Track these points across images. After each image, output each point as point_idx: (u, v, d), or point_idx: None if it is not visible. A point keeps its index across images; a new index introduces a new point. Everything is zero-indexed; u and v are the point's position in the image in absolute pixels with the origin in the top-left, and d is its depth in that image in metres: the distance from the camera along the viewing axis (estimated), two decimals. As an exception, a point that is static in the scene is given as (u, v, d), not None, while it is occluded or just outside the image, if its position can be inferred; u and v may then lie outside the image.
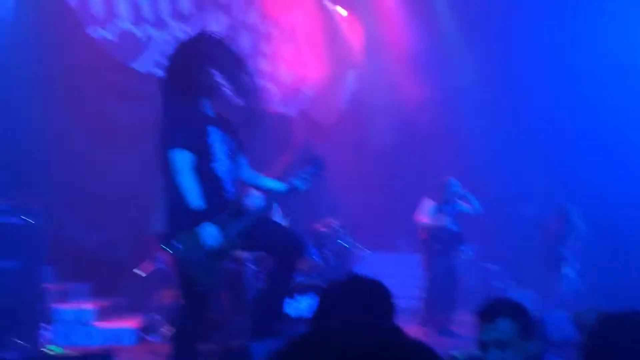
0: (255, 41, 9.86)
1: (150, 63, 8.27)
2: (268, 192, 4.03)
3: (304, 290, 5.59)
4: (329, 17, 11.07)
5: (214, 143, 3.60)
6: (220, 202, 3.61)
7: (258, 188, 4.01)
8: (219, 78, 3.63)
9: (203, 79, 3.57)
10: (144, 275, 6.40)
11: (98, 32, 7.58)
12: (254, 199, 4.35)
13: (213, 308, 5.31)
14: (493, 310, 2.32)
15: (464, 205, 7.28)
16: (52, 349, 5.15)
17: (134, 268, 6.61)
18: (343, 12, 11.08)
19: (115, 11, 7.81)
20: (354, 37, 11.25)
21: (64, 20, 7.01)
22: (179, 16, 8.64)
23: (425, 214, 7.16)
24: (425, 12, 10.51)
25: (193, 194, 3.47)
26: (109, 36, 7.68)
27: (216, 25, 9.13)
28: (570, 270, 7.65)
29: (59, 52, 6.77)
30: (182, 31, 8.64)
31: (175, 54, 3.72)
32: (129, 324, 6.06)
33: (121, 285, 7.06)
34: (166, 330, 5.80)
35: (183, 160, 3.49)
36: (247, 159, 3.92)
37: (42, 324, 5.28)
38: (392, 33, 10.67)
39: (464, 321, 6.07)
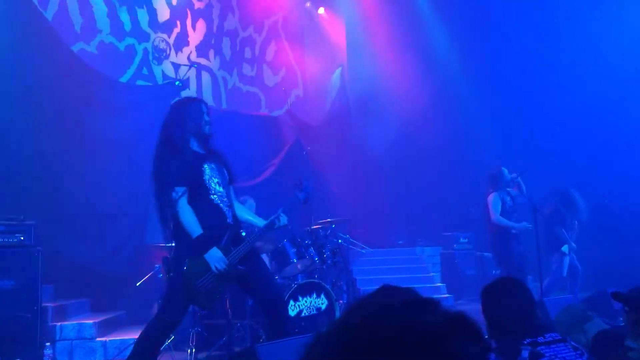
0: (237, 46, 9.85)
1: (134, 75, 8.26)
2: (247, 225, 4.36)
3: (305, 290, 5.59)
4: (310, 18, 11.09)
5: (208, 178, 3.95)
6: (224, 226, 3.93)
7: (241, 219, 4.15)
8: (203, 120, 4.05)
9: (192, 124, 4.00)
10: (143, 286, 6.36)
11: (80, 47, 7.56)
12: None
13: (217, 314, 5.32)
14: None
15: (514, 191, 7.20)
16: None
17: (131, 281, 6.58)
18: (322, 12, 11.11)
19: (96, 25, 7.79)
20: (337, 36, 11.27)
21: (44, 36, 6.96)
22: (158, 26, 8.62)
23: (494, 208, 6.92)
24: (408, 9, 10.53)
25: (193, 224, 3.81)
26: (92, 50, 7.66)
27: (195, 33, 9.13)
28: (569, 251, 7.66)
29: (41, 68, 6.71)
30: (162, 40, 8.64)
31: (170, 112, 4.16)
32: (130, 336, 6.02)
33: (120, 298, 7.03)
34: (168, 340, 5.78)
35: (177, 195, 3.83)
36: (233, 189, 4.26)
37: (45, 343, 5.24)
38: (376, 31, 10.66)
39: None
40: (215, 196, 3.94)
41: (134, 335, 6.05)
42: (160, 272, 6.15)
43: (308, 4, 11.05)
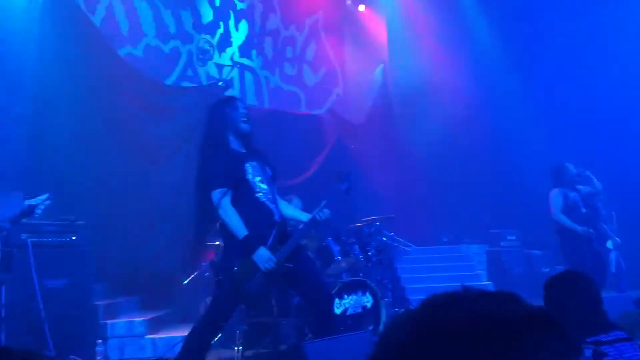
0: (279, 46, 9.90)
1: (179, 76, 8.41)
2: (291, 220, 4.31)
3: (350, 288, 5.58)
4: (350, 16, 11.06)
5: (251, 176, 3.93)
6: (270, 224, 3.92)
7: (285, 216, 4.13)
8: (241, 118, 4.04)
9: (229, 123, 4.01)
10: (190, 284, 6.46)
11: (128, 51, 7.73)
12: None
13: (263, 312, 5.36)
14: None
15: (583, 187, 6.91)
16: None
17: (178, 279, 6.68)
18: (362, 9, 11.07)
19: (142, 29, 7.96)
20: (378, 34, 11.20)
21: (92, 40, 7.14)
22: (202, 27, 8.75)
23: (553, 205, 6.71)
24: (450, 4, 10.39)
25: (238, 226, 3.80)
26: (139, 53, 7.82)
27: (238, 33, 9.22)
28: (612, 246, 7.40)
29: (89, 72, 6.88)
30: (206, 42, 8.76)
31: (208, 115, 4.17)
32: (178, 334, 6.11)
33: (168, 296, 7.14)
34: (215, 338, 5.84)
35: (220, 196, 3.82)
36: (277, 187, 4.24)
37: (97, 340, 5.37)
38: (418, 27, 10.54)
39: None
40: (260, 194, 3.92)
41: (182, 332, 6.13)
42: (206, 270, 6.23)
43: (349, 2, 11.02)
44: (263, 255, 3.78)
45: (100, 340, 5.44)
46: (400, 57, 10.73)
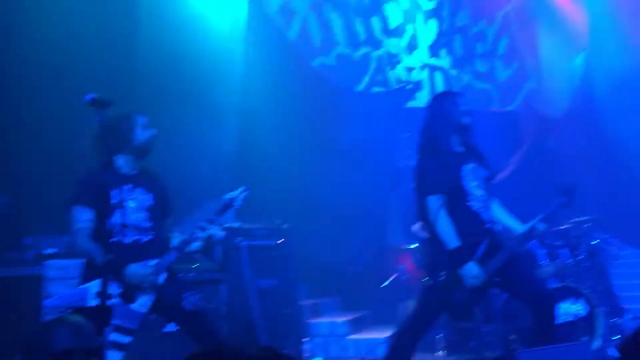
0: (469, 42, 9.62)
1: (369, 82, 8.57)
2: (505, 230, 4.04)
3: (560, 295, 5.19)
4: (544, 4, 10.37)
5: (467, 181, 3.76)
6: (481, 234, 3.74)
7: (497, 222, 3.91)
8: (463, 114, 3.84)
9: (448, 119, 3.81)
10: (387, 286, 6.52)
11: (321, 61, 8.08)
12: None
13: (466, 318, 5.20)
14: None
15: None
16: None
17: (375, 281, 6.77)
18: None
19: (334, 38, 8.26)
20: (576, 20, 10.37)
21: (288, 55, 7.58)
22: (390, 32, 8.82)
23: None
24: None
25: (450, 236, 3.64)
26: (330, 62, 8.13)
27: (426, 33, 9.13)
28: None
29: (287, 84, 7.32)
30: (395, 45, 8.81)
31: (426, 112, 4.00)
32: (380, 335, 6.18)
33: (366, 298, 7.28)
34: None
35: (437, 205, 3.68)
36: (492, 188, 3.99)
37: (303, 338, 5.64)
38: (627, 5, 9.51)
39: None
40: (473, 202, 3.74)
41: (382, 334, 6.21)
42: (404, 273, 6.24)
43: (541, -11, 10.36)
44: (472, 271, 3.60)
45: (306, 339, 5.70)
46: (605, 42, 9.77)
